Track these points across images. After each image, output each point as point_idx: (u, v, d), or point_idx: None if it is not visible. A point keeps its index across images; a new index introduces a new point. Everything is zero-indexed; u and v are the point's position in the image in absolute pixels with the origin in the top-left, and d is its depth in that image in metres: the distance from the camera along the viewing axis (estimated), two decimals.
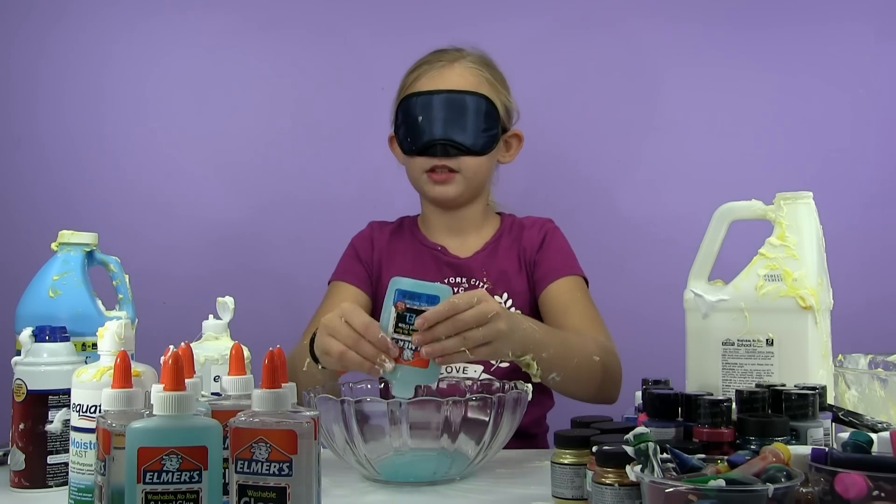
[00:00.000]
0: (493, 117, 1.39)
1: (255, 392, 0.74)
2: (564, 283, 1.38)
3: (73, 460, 0.88)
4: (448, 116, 1.36)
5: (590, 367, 1.19)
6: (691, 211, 1.34)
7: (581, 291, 1.38)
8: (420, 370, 0.96)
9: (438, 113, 1.36)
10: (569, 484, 0.85)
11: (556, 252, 1.42)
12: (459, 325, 0.95)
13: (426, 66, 1.41)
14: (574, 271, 1.40)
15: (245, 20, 1.85)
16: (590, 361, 1.19)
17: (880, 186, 1.78)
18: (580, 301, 1.36)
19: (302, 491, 0.70)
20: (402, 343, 0.96)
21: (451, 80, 1.38)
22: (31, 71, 1.83)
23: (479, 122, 1.37)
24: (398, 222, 1.52)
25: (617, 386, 1.28)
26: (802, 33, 1.80)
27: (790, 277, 1.05)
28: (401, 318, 0.96)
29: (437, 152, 1.36)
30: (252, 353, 0.98)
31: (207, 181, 1.83)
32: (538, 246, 1.43)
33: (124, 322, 0.91)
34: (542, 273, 1.40)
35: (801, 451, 0.72)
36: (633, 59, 1.83)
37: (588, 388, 1.22)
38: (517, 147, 1.48)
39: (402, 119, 1.40)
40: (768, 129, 1.80)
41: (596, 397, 1.25)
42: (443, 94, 1.36)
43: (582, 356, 1.18)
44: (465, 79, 1.38)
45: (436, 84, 1.37)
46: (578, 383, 1.19)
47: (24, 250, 1.44)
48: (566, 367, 1.14)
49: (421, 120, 1.36)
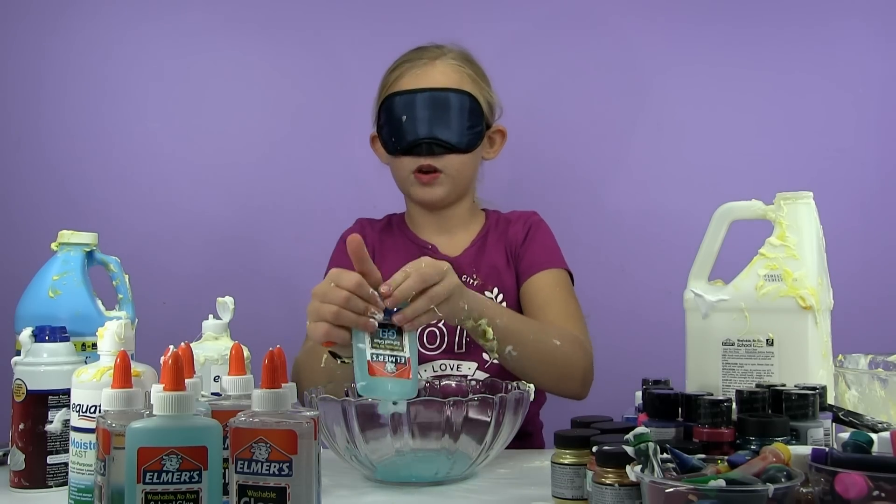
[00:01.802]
0: (477, 114, 1.39)
1: (255, 392, 0.74)
2: (546, 277, 1.37)
3: (73, 460, 0.88)
4: (432, 115, 1.35)
5: (550, 348, 1.18)
6: (691, 211, 1.34)
7: (562, 286, 1.37)
8: (404, 381, 0.95)
9: (422, 112, 1.35)
10: (569, 484, 0.85)
11: (538, 245, 1.42)
12: (425, 277, 0.98)
13: (407, 64, 1.40)
14: (556, 264, 1.39)
15: (245, 21, 1.85)
16: (550, 343, 1.19)
17: (880, 186, 1.78)
18: (560, 294, 1.35)
19: (302, 491, 0.70)
20: (383, 357, 0.95)
21: (434, 78, 1.37)
22: (31, 71, 1.83)
23: (463, 119, 1.37)
24: (386, 220, 1.52)
25: (586, 382, 1.26)
26: (802, 32, 1.80)
27: (790, 277, 1.05)
28: (375, 334, 0.96)
29: (423, 151, 1.36)
30: (252, 353, 0.98)
31: (207, 181, 1.83)
32: (523, 239, 1.42)
33: (124, 322, 0.91)
34: (525, 265, 1.39)
35: (801, 451, 0.72)
36: (632, 58, 1.82)
37: (551, 374, 1.19)
38: (501, 143, 1.48)
39: (385, 119, 1.39)
40: (769, 129, 1.80)
41: (558, 386, 1.24)
42: (426, 93, 1.35)
43: (540, 335, 1.18)
44: (448, 76, 1.38)
45: (418, 82, 1.37)
46: (539, 365, 1.17)
47: (24, 250, 1.44)
48: (522, 341, 1.13)
49: (405, 119, 1.35)
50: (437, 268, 1.00)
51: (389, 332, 0.97)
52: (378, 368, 0.94)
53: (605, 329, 1.70)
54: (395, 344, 0.97)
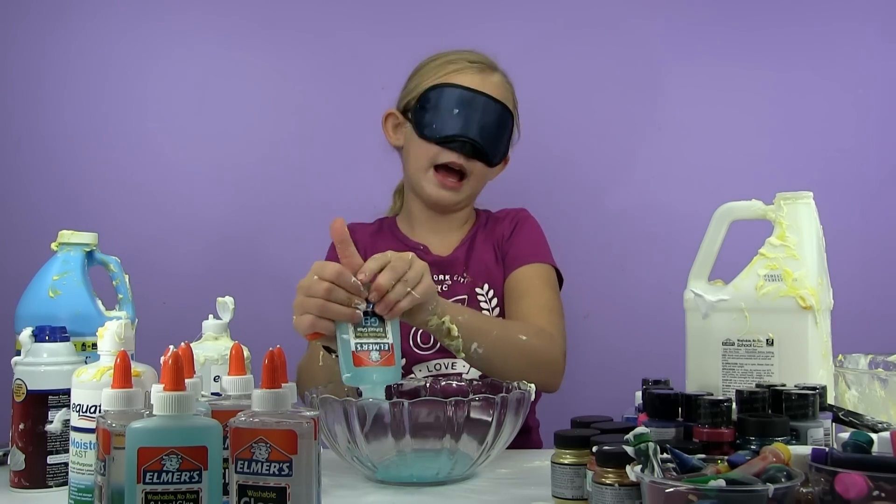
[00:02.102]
0: (510, 135, 1.43)
1: (255, 392, 0.74)
2: (528, 270, 1.38)
3: (73, 460, 0.88)
4: (483, 120, 1.37)
5: (515, 343, 1.18)
6: (691, 211, 1.34)
7: (541, 279, 1.37)
8: (388, 369, 0.97)
9: (476, 113, 1.37)
10: (569, 484, 0.85)
11: (523, 239, 1.43)
12: (397, 269, 0.99)
13: (466, 62, 1.40)
14: (541, 259, 1.39)
15: (245, 21, 1.85)
16: (514, 338, 1.19)
17: (880, 186, 1.78)
18: (537, 288, 1.35)
19: (302, 491, 0.70)
20: (367, 346, 0.97)
21: (493, 88, 1.40)
22: (31, 71, 1.83)
23: (503, 134, 1.41)
24: (377, 224, 1.53)
25: (556, 372, 1.26)
26: (802, 32, 1.80)
27: (790, 277, 1.05)
28: (358, 324, 0.98)
29: (457, 148, 1.37)
30: (252, 353, 0.98)
31: (208, 181, 1.83)
32: (509, 234, 1.44)
33: (124, 322, 0.91)
34: (509, 259, 1.40)
35: (801, 451, 0.72)
36: (633, 59, 1.83)
37: (518, 368, 1.18)
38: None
39: (432, 104, 1.38)
40: (769, 129, 1.80)
41: (528, 379, 1.22)
42: (485, 98, 1.38)
43: (504, 331, 1.18)
44: (501, 91, 1.41)
45: (480, 85, 1.38)
46: (504, 358, 1.16)
47: (24, 250, 1.44)
48: (486, 337, 1.13)
49: (456, 112, 1.36)
50: (403, 258, 1.02)
51: (372, 320, 0.99)
52: (363, 358, 0.96)
53: (605, 329, 1.70)
54: (378, 331, 0.99)
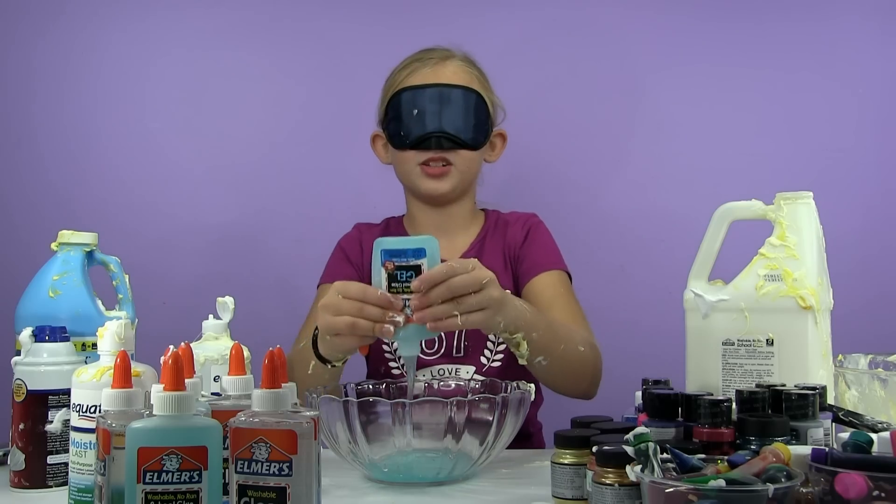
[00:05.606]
0: (485, 113, 1.41)
1: (255, 392, 0.73)
2: (548, 278, 1.38)
3: (73, 460, 0.88)
4: (443, 110, 1.36)
5: (575, 356, 1.20)
6: (691, 211, 1.34)
7: (564, 286, 1.38)
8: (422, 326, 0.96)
9: (433, 106, 1.36)
10: (569, 484, 0.85)
11: (539, 247, 1.43)
12: (454, 289, 0.95)
13: (417, 63, 1.41)
14: (557, 266, 1.40)
15: (243, 20, 1.85)
16: (575, 351, 1.19)
17: (881, 186, 1.78)
18: (563, 296, 1.36)
19: (302, 491, 0.70)
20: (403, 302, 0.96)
21: (445, 76, 1.39)
22: (29, 70, 1.83)
23: (472, 116, 1.38)
24: (384, 223, 1.52)
25: (596, 382, 1.28)
26: (802, 31, 1.80)
27: (790, 277, 1.05)
28: (392, 277, 0.95)
29: (432, 145, 1.37)
30: (252, 353, 0.98)
31: (207, 181, 1.83)
32: (522, 241, 1.43)
33: (124, 322, 0.91)
34: (525, 267, 1.40)
35: (801, 451, 0.72)
36: (634, 59, 1.83)
37: (572, 379, 1.22)
38: (501, 146, 1.49)
39: (393, 115, 1.39)
40: (769, 129, 1.80)
41: (576, 389, 1.26)
42: (438, 88, 1.37)
43: (568, 344, 1.18)
44: (458, 75, 1.40)
45: (429, 79, 1.38)
46: (563, 372, 1.19)
47: (24, 250, 1.44)
48: (553, 352, 1.14)
49: (415, 113, 1.36)
50: (475, 279, 0.97)
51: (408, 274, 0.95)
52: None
53: (605, 329, 1.70)
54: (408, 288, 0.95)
